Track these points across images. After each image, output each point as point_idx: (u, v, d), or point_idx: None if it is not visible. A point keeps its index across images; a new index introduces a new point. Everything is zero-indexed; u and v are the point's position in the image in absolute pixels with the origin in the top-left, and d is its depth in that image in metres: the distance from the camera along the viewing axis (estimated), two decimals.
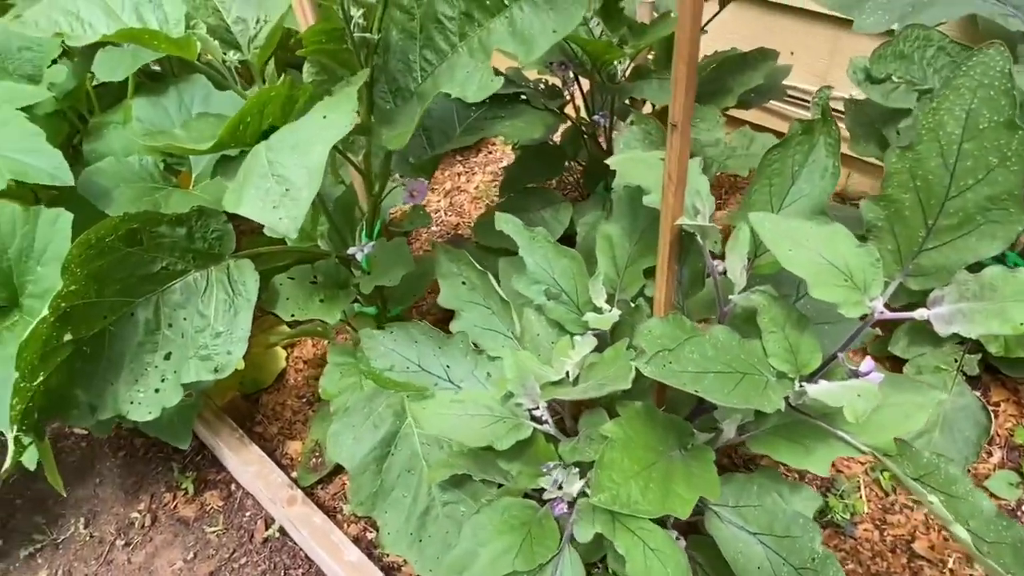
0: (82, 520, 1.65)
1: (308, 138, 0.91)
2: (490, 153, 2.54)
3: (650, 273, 1.00)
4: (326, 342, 1.91)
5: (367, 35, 1.06)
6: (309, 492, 1.46)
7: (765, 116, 2.12)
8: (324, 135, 0.90)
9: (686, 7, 0.65)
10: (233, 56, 1.12)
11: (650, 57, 1.63)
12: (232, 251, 1.28)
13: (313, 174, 0.92)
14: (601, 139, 1.74)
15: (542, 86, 1.64)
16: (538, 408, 0.93)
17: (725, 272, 0.89)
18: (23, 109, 1.43)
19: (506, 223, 1.13)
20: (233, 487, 1.63)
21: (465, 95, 1.00)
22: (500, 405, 0.93)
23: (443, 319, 1.89)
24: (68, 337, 1.19)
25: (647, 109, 1.79)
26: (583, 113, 1.72)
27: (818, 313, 0.89)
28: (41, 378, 1.19)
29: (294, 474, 1.52)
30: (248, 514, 1.56)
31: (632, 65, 1.52)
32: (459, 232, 2.21)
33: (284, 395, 1.76)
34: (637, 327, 1.00)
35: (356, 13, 1.03)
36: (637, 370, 0.82)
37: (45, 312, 1.13)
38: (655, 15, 1.53)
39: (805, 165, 0.88)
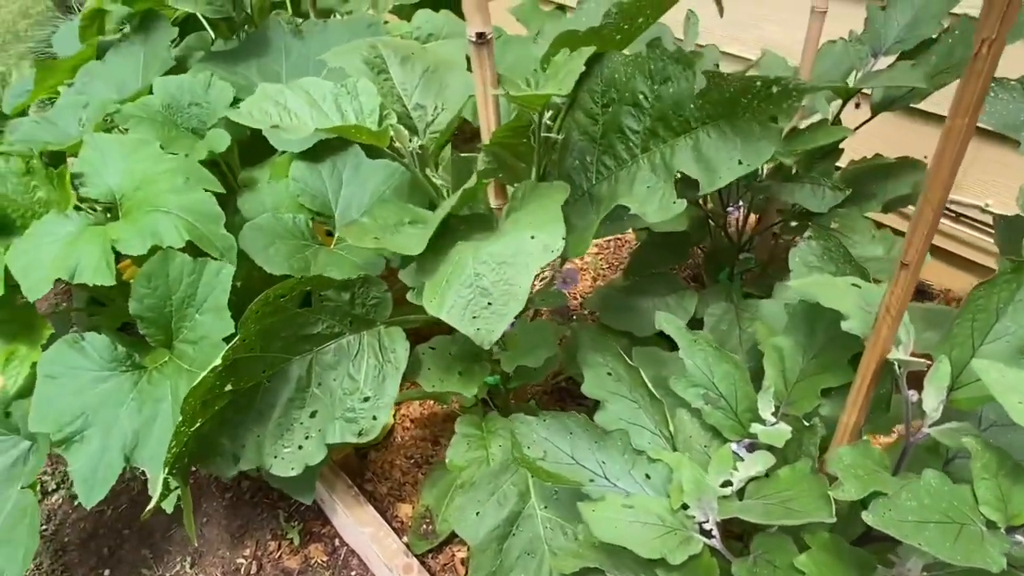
0: (188, 560, 1.67)
1: (516, 258, 0.94)
2: None
3: (827, 393, 0.99)
4: (432, 402, 1.93)
5: (551, 135, 1.11)
6: (421, 560, 1.46)
7: (903, 221, 2.09)
8: (533, 258, 0.93)
9: (946, 154, 0.66)
10: (415, 142, 1.18)
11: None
12: (386, 318, 1.32)
13: (519, 296, 0.93)
14: (731, 228, 1.75)
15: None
16: (708, 521, 0.92)
17: (919, 402, 0.87)
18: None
19: (667, 323, 1.14)
20: (337, 542, 1.64)
21: (645, 213, 1.00)
22: (670, 515, 0.92)
23: (554, 394, 1.90)
24: (229, 387, 1.24)
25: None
26: (711, 202, 1.74)
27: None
28: (198, 424, 1.23)
29: (405, 539, 1.52)
30: (353, 574, 1.56)
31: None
32: (570, 307, 2.23)
33: (392, 453, 1.78)
34: (807, 446, 0.98)
35: (547, 115, 1.07)
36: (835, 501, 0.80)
37: (217, 361, 1.18)
38: (805, 118, 1.55)
39: (1010, 303, 0.87)
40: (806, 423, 0.98)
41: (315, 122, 1.09)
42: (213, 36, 2.16)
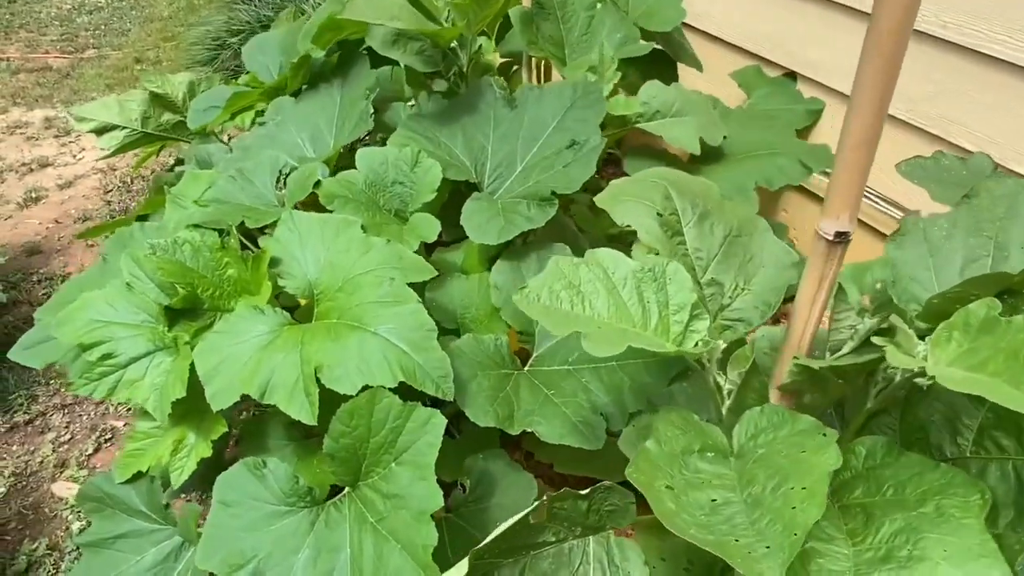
0: None
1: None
2: None
3: None
4: None
5: None
6: None
7: None
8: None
9: None
10: (712, 341, 0.91)
11: None
12: (621, 526, 1.07)
13: (794, 546, 0.70)
14: None
15: None
16: None
17: None
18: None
19: None
20: None
21: None
22: None
23: None
24: None
25: None
26: None
27: None
28: None
29: None
30: None
31: None
32: None
33: None
34: None
35: None
36: None
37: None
38: None
39: None
40: None
41: (612, 317, 0.84)
42: (406, 86, 1.98)
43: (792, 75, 2.30)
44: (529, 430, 1.24)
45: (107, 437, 2.21)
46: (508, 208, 1.43)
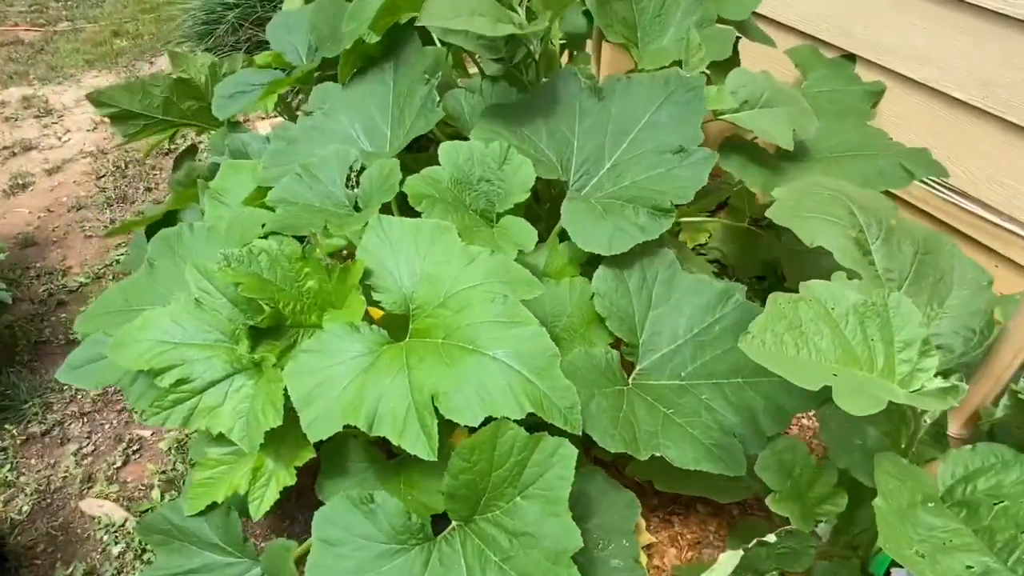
0: None
1: None
2: None
3: None
4: None
5: None
6: None
7: None
8: None
9: None
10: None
11: None
12: (795, 570, 0.99)
13: None
14: None
15: None
16: None
17: None
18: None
19: None
20: None
21: None
22: None
23: None
24: None
25: None
26: None
27: None
28: None
29: None
30: None
31: None
32: None
33: None
34: None
35: None
36: None
37: None
38: None
39: None
40: None
41: (839, 359, 0.74)
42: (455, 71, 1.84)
43: (851, 56, 2.21)
44: (658, 454, 1.15)
45: (135, 448, 2.06)
46: (611, 211, 1.32)
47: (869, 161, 1.54)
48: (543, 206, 1.71)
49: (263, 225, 1.35)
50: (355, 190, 1.43)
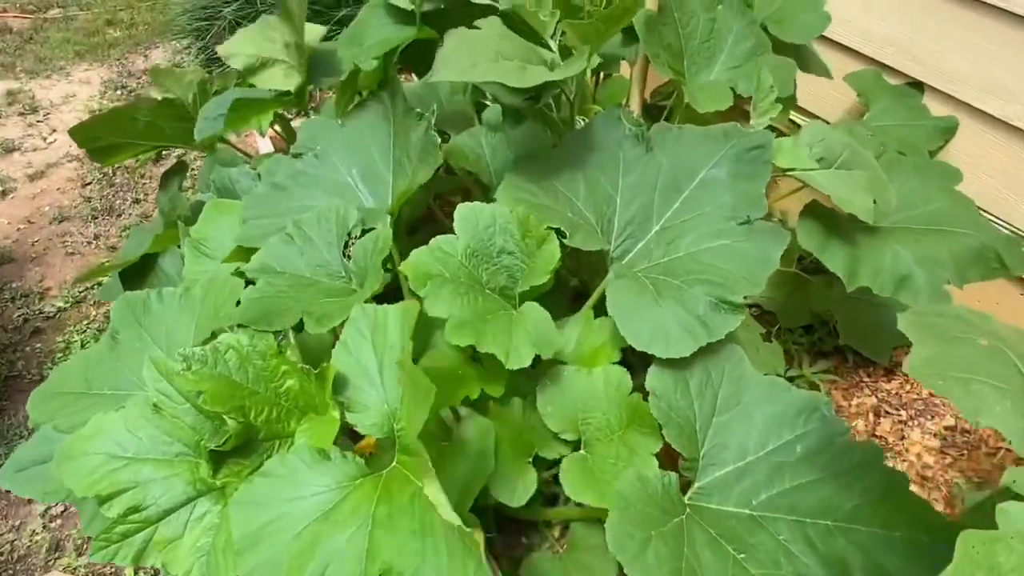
0: None
1: None
2: None
3: None
4: None
5: None
6: None
7: None
8: None
9: None
10: None
11: None
12: None
13: None
14: None
15: None
16: None
17: None
18: None
19: None
20: None
21: None
22: None
23: None
24: None
25: None
26: None
27: None
28: None
29: None
30: None
31: None
32: None
33: None
34: None
35: None
36: None
37: None
38: None
39: None
40: None
41: None
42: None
43: (918, 85, 1.94)
44: None
45: None
46: (666, 294, 1.07)
47: (960, 241, 1.28)
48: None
49: (238, 303, 1.12)
50: (350, 261, 1.19)
